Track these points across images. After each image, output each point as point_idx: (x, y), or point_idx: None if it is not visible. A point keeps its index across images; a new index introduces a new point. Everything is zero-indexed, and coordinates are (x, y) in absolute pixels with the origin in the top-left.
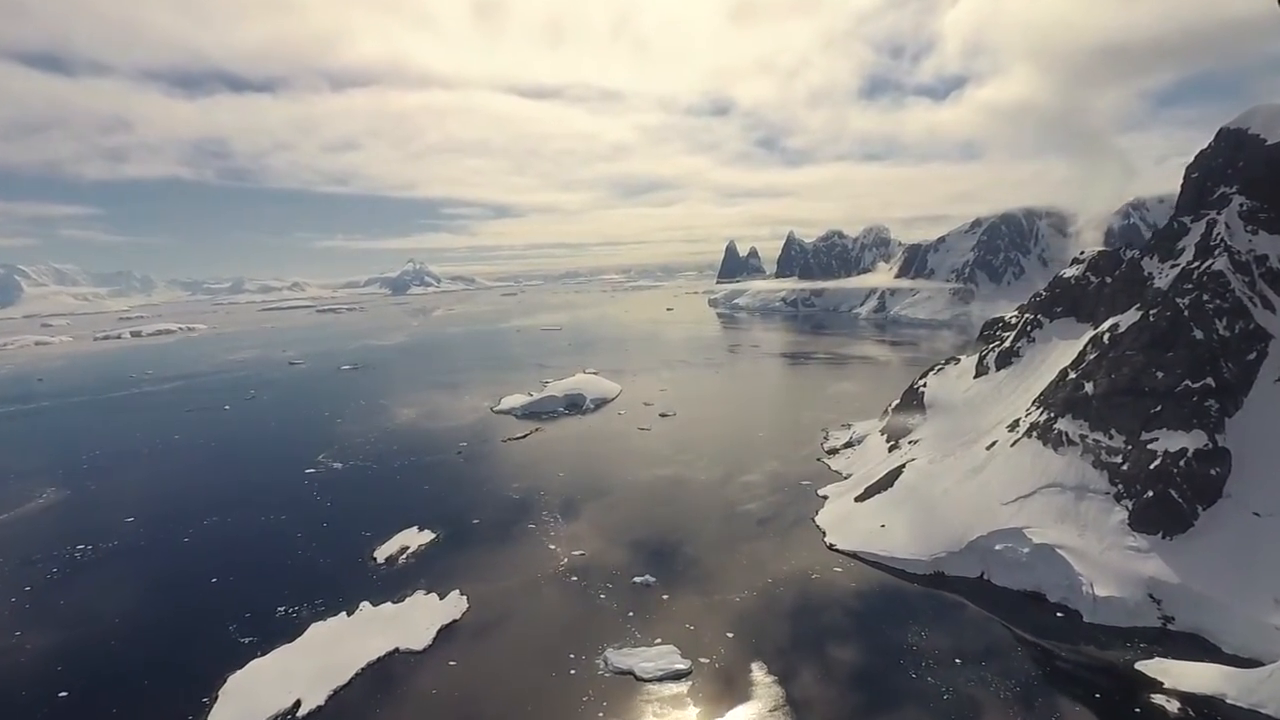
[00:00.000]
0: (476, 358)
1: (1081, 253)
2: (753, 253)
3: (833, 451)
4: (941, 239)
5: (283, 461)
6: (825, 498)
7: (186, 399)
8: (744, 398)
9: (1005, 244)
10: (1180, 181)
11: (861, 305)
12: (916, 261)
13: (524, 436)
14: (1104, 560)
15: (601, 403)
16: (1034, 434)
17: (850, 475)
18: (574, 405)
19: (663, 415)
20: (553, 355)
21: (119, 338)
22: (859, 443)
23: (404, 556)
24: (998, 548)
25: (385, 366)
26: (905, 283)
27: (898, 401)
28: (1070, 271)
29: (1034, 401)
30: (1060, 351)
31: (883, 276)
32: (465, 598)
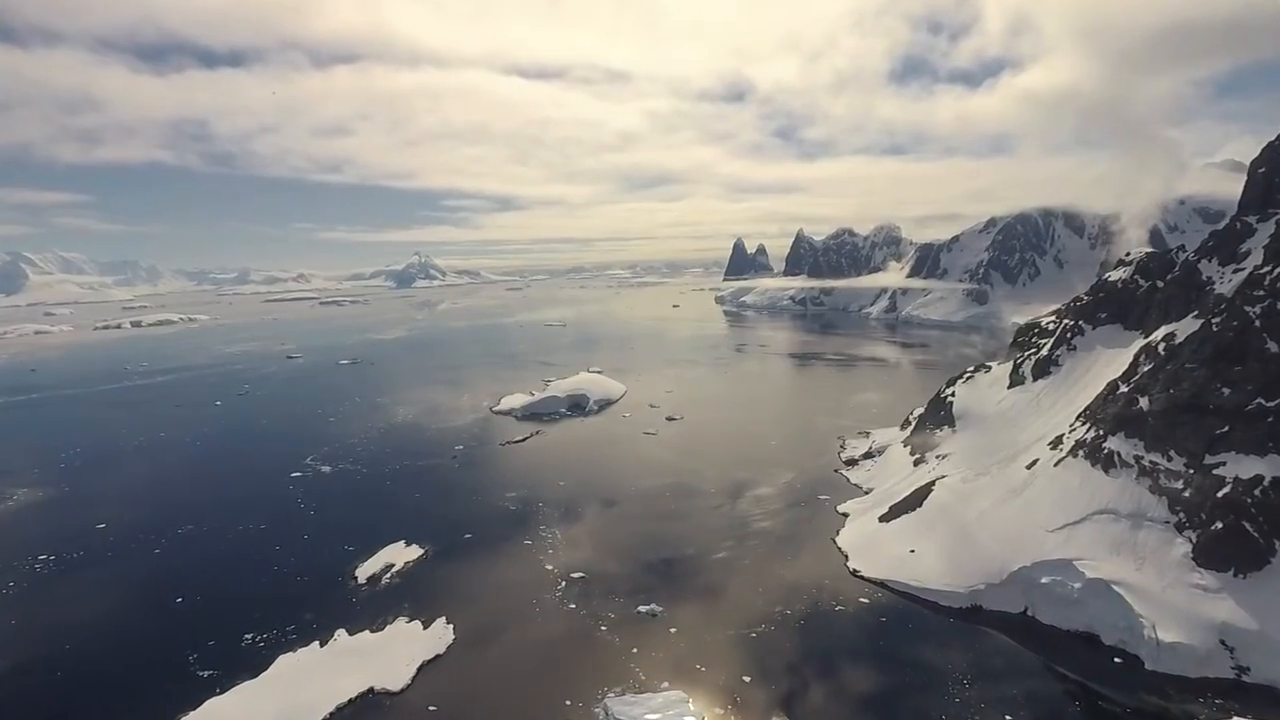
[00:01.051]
0: (478, 354)
1: (1127, 254)
2: (760, 250)
3: (851, 463)
4: (955, 238)
5: (268, 463)
6: (845, 515)
7: (177, 393)
8: (753, 401)
9: (1021, 244)
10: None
11: (872, 305)
12: (929, 261)
13: (523, 440)
14: (1167, 600)
15: (605, 404)
16: (1080, 453)
17: (871, 490)
18: (577, 406)
19: (669, 419)
20: (556, 352)
21: (119, 327)
22: (879, 454)
23: (387, 576)
24: (1044, 581)
25: (384, 362)
26: (917, 282)
27: (922, 411)
28: (1116, 274)
29: (1078, 416)
30: (1105, 361)
31: (894, 276)
32: (451, 627)
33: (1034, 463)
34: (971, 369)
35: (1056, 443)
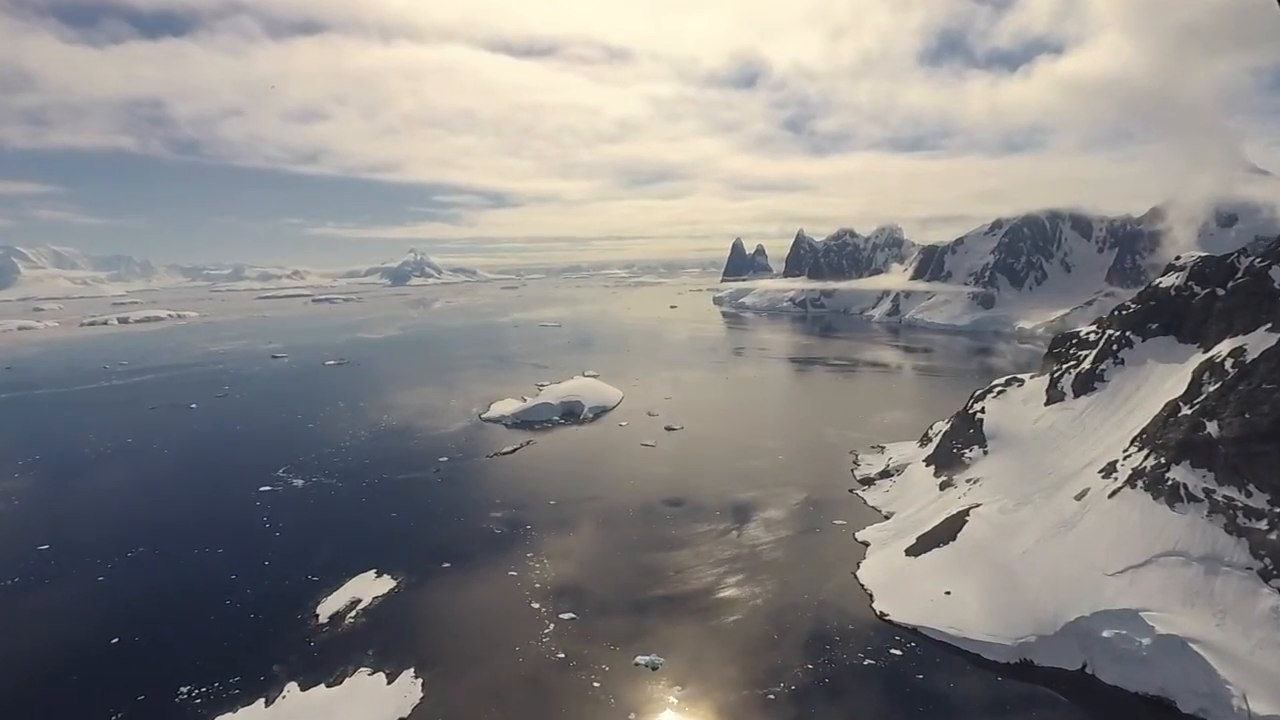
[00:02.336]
0: (470, 355)
1: (1177, 258)
2: (759, 250)
3: (867, 481)
4: (960, 240)
5: (237, 475)
6: (866, 544)
7: (154, 395)
8: (756, 408)
9: (1028, 247)
10: None
11: (874, 308)
12: (933, 263)
13: (513, 451)
14: (1256, 662)
15: (601, 411)
16: (1139, 484)
17: (892, 515)
18: (571, 414)
19: (669, 429)
20: (550, 354)
21: (105, 324)
22: (899, 473)
23: (352, 614)
24: (1105, 634)
25: (372, 362)
26: (921, 285)
27: (946, 427)
28: (1168, 280)
29: (1133, 441)
30: (1159, 378)
31: (897, 278)
32: (419, 682)
33: (1084, 493)
34: (1002, 382)
35: (1109, 470)
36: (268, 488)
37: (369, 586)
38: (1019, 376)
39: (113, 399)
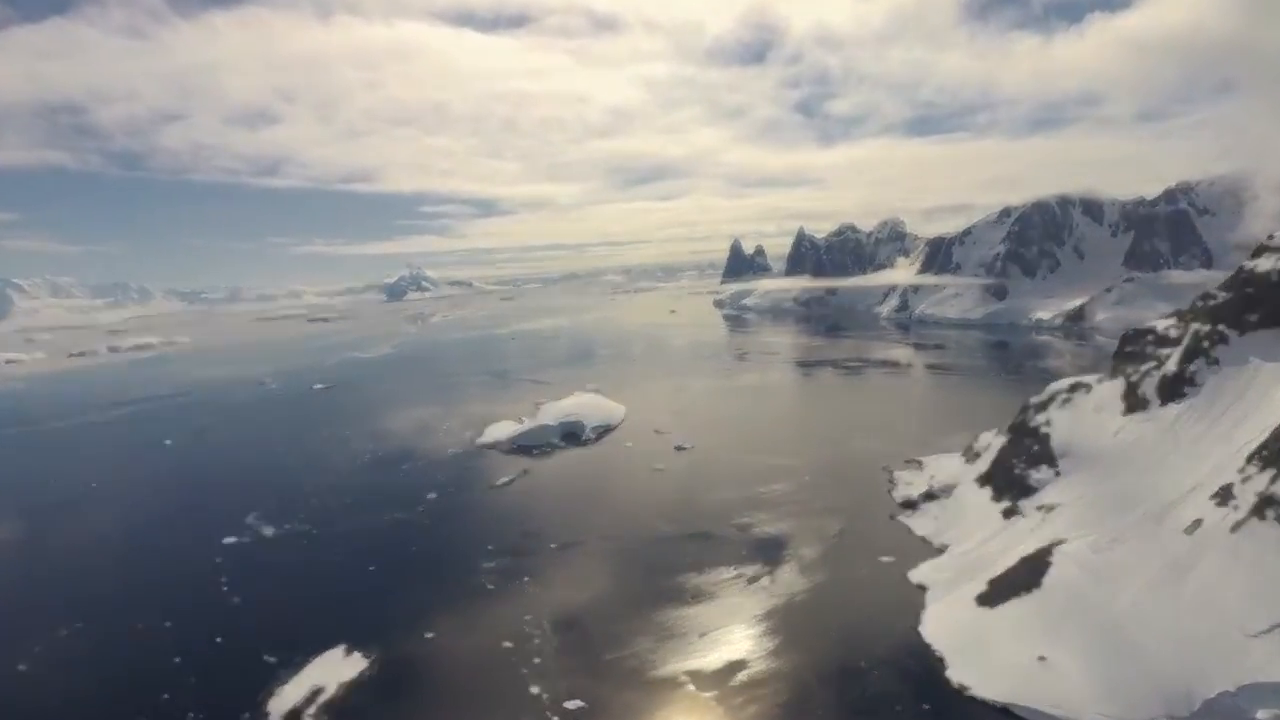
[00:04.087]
0: (466, 371)
1: (1271, 236)
2: (759, 250)
3: (909, 505)
4: (968, 231)
5: (202, 525)
6: (923, 589)
7: (128, 432)
8: (771, 420)
9: (1039, 235)
10: None
11: (881, 304)
12: (940, 256)
13: (509, 483)
14: None
15: (604, 430)
16: (1269, 514)
17: (947, 548)
18: (572, 435)
19: (679, 448)
20: (549, 367)
21: (95, 354)
22: (946, 494)
23: (312, 709)
24: (1261, 716)
25: (363, 385)
26: (930, 279)
27: (1002, 441)
28: (1265, 264)
29: (1250, 459)
30: (1268, 380)
31: (903, 273)
32: None
33: (1195, 524)
34: (1065, 387)
35: (1224, 496)
36: (233, 539)
37: (335, 669)
38: (1084, 381)
39: (84, 438)
